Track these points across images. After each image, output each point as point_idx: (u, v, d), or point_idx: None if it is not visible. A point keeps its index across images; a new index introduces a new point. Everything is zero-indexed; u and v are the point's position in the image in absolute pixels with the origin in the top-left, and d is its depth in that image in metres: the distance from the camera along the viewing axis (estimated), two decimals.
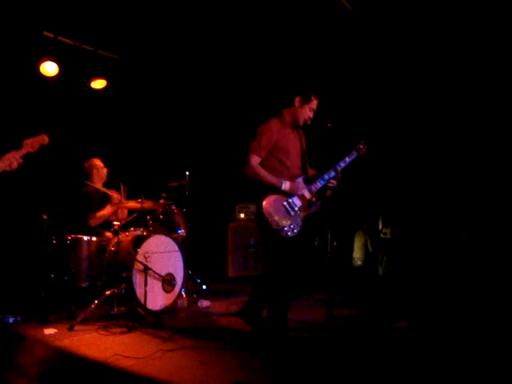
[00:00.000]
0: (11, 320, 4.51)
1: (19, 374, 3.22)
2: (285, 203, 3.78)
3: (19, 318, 4.57)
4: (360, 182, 5.36)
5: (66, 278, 4.77)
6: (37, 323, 4.48)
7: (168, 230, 5.50)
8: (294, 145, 4.00)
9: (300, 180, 3.90)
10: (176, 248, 5.16)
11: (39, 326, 4.39)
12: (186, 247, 5.57)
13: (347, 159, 3.99)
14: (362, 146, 4.07)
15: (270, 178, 3.79)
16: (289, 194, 3.80)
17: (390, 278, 6.72)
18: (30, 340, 4.00)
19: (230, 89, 7.48)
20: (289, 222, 3.75)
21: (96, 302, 4.52)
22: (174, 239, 5.23)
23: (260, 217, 3.77)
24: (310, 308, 5.30)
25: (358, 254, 7.09)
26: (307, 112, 3.97)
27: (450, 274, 6.01)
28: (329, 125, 4.05)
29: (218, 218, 7.74)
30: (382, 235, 7.16)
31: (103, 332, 4.23)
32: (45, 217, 4.91)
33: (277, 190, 3.78)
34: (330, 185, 3.95)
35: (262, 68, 7.00)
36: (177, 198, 5.84)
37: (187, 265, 5.31)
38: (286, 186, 3.78)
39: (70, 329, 4.27)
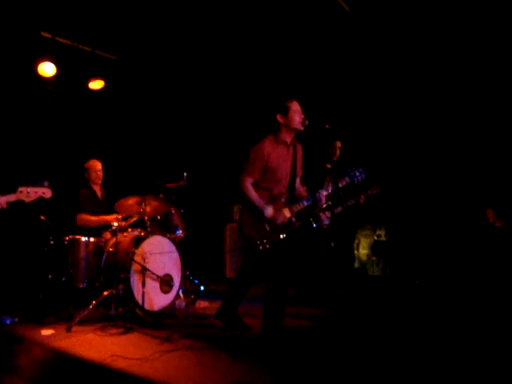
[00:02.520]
0: (9, 321, 4.51)
1: (16, 376, 3.21)
2: (263, 218, 3.90)
3: (17, 319, 4.57)
4: (363, 189, 5.36)
5: (63, 279, 4.77)
6: (34, 324, 4.48)
7: (166, 230, 5.50)
8: (284, 164, 4.08)
9: (283, 208, 3.96)
10: (174, 249, 5.16)
11: (36, 326, 4.40)
12: (183, 248, 5.57)
13: (330, 189, 4.04)
14: (357, 174, 4.08)
15: (257, 202, 3.93)
16: None
17: (386, 279, 6.73)
18: (27, 341, 4.00)
19: (227, 89, 7.48)
20: (262, 237, 3.86)
21: (94, 302, 4.52)
22: (172, 240, 5.22)
23: (238, 226, 4.03)
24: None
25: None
26: (295, 118, 3.99)
27: (446, 275, 6.03)
28: (327, 126, 4.04)
29: (215, 218, 7.74)
30: (375, 237, 7.17)
31: (101, 333, 4.22)
32: (42, 217, 4.90)
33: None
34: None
35: (260, 68, 7.00)
36: (175, 198, 5.83)
37: (185, 265, 5.31)
38: (268, 212, 3.89)
39: (68, 330, 4.26)
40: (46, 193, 3.52)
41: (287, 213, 3.95)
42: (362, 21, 5.89)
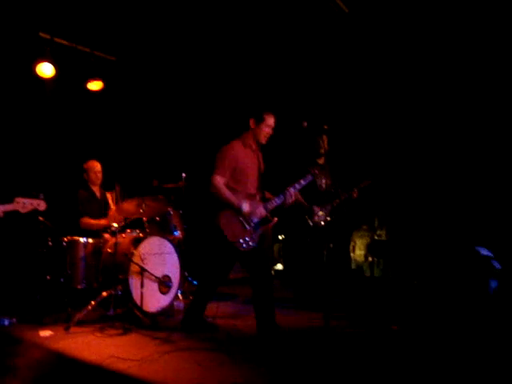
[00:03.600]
0: (7, 322, 4.49)
1: (14, 377, 3.20)
2: (241, 218, 3.97)
3: (15, 320, 4.56)
4: (355, 183, 5.39)
5: (61, 280, 4.76)
6: (32, 325, 4.46)
7: (164, 231, 5.50)
8: (252, 166, 4.20)
9: (259, 204, 4.06)
10: (172, 250, 5.15)
11: (35, 327, 4.37)
12: (182, 249, 5.56)
13: (297, 186, 4.19)
14: (317, 172, 4.45)
15: (232, 199, 3.99)
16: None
17: (387, 280, 6.72)
18: (25, 342, 3.98)
19: (226, 90, 7.48)
20: (244, 236, 3.93)
21: (92, 303, 4.51)
22: (171, 241, 5.22)
23: (217, 230, 4.01)
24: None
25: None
26: (264, 130, 4.15)
27: (445, 276, 6.02)
28: (325, 126, 4.09)
29: (214, 219, 7.71)
30: (376, 237, 7.16)
31: (99, 334, 4.21)
32: (41, 218, 4.89)
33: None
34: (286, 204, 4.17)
35: (258, 69, 7.00)
36: (173, 199, 5.83)
37: (183, 266, 5.30)
38: (245, 207, 3.96)
39: (66, 331, 4.26)
40: (41, 205, 3.67)
41: (262, 210, 4.03)
42: (360, 22, 5.90)
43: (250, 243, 3.92)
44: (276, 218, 4.10)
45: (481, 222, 6.03)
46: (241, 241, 3.90)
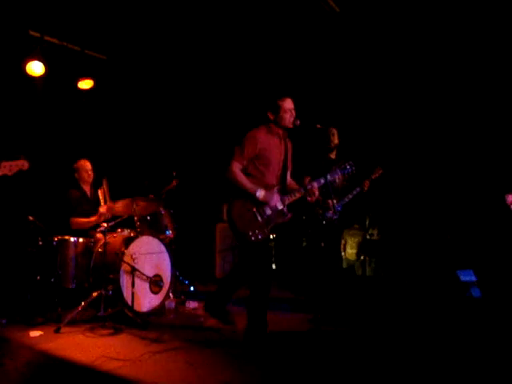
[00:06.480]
0: None
1: (4, 378, 3.18)
2: (254, 209, 3.86)
3: (4, 321, 4.52)
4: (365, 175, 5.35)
5: (52, 280, 4.73)
6: (22, 325, 4.43)
7: (156, 231, 5.48)
8: (276, 155, 4.05)
9: (275, 191, 3.94)
10: (163, 249, 5.14)
11: (25, 328, 4.35)
12: (173, 248, 5.55)
13: (322, 180, 4.02)
14: (348, 167, 4.13)
15: (247, 184, 3.87)
16: (260, 202, 3.87)
17: (379, 278, 6.75)
18: (15, 343, 3.95)
19: (217, 90, 7.47)
20: (254, 228, 3.82)
21: (83, 303, 4.49)
22: (162, 240, 5.21)
23: (229, 218, 3.92)
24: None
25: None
26: (285, 116, 3.98)
27: (435, 274, 6.05)
28: (318, 126, 4.06)
29: (205, 218, 7.72)
30: (368, 236, 7.19)
31: (90, 334, 4.19)
32: (31, 218, 4.85)
33: (248, 196, 3.86)
34: (309, 198, 4.03)
35: (249, 69, 7.00)
36: (164, 199, 5.81)
37: (175, 266, 5.29)
38: (260, 194, 3.85)
39: (57, 331, 4.23)
40: (24, 164, 3.72)
41: (279, 205, 3.93)
42: (351, 21, 5.91)
43: (259, 235, 3.81)
44: (291, 214, 3.98)
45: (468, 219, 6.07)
46: (250, 233, 3.80)
